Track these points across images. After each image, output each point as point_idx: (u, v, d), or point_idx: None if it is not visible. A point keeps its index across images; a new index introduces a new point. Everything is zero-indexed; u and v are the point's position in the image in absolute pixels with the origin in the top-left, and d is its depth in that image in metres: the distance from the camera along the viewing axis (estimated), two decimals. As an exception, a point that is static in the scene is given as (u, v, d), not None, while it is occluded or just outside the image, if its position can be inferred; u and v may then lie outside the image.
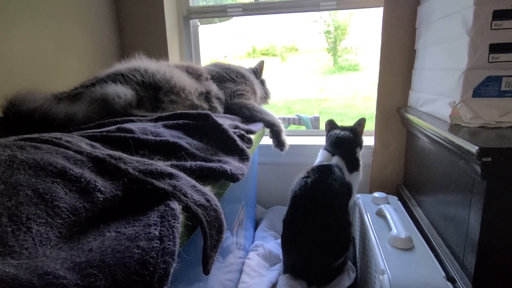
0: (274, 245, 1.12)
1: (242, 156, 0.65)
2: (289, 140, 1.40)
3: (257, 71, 1.27)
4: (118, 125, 0.60)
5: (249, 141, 0.76)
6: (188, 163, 0.50)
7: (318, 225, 0.94)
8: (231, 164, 0.58)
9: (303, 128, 1.66)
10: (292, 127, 1.70)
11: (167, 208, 0.38)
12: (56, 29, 1.09)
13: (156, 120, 0.71)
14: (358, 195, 1.17)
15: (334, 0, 1.31)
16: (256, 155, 1.27)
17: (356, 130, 1.12)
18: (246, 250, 1.08)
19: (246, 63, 1.30)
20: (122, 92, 0.76)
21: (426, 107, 0.98)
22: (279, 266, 1.03)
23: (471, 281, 0.66)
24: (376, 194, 1.12)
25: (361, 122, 1.13)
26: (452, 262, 0.74)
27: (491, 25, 0.73)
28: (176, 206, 0.39)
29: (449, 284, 0.70)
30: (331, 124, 1.15)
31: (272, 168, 1.41)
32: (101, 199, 0.36)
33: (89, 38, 1.25)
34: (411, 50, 1.14)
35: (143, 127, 0.61)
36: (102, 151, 0.44)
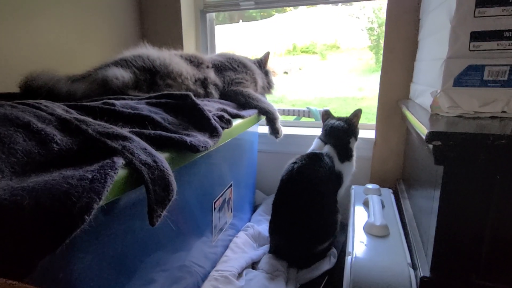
0: (265, 228, 1.17)
1: (213, 133, 0.71)
2: (297, 131, 1.45)
3: (262, 62, 1.32)
4: (105, 100, 0.69)
5: (227, 122, 0.81)
6: (148, 131, 0.57)
7: (301, 209, 0.98)
8: (195, 137, 0.65)
9: (312, 120, 1.68)
10: (303, 119, 1.73)
11: (109, 161, 0.45)
12: (80, 18, 1.23)
13: (146, 99, 0.79)
14: (353, 186, 1.18)
15: (343, -7, 1.32)
16: (256, 142, 1.32)
17: (351, 120, 1.13)
18: (237, 230, 1.15)
19: (286, 60, 1.34)
20: (120, 74, 0.86)
21: (419, 98, 0.97)
22: (267, 248, 1.08)
23: (429, 268, 0.66)
24: (369, 186, 1.13)
25: (357, 113, 1.13)
26: (419, 251, 0.74)
27: (474, 13, 0.71)
28: (119, 161, 0.46)
29: (411, 270, 0.71)
30: (327, 115, 1.17)
31: (275, 156, 1.45)
32: (56, 149, 0.44)
33: (111, 27, 1.38)
34: (415, 42, 1.12)
35: (126, 103, 0.69)
36: (71, 115, 0.52)
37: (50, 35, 1.12)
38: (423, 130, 0.62)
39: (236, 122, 0.89)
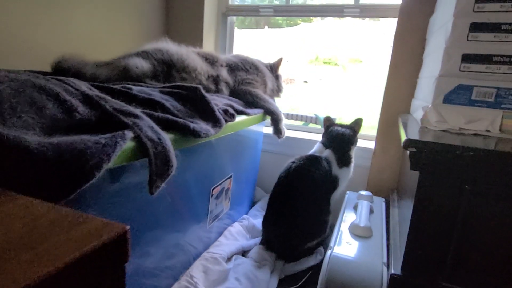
0: (260, 222, 1.23)
1: (216, 123, 0.79)
2: (303, 135, 1.52)
3: (274, 67, 1.39)
4: (124, 84, 0.78)
5: (231, 116, 0.89)
6: (157, 113, 0.66)
7: (294, 207, 1.04)
8: (199, 124, 0.72)
9: (319, 126, 1.74)
10: (310, 125, 1.79)
11: (120, 132, 0.53)
12: (110, 12, 1.34)
13: (160, 88, 0.88)
14: (348, 192, 1.23)
15: (357, 8, 1.38)
16: (261, 141, 1.39)
17: (354, 128, 1.19)
18: (233, 220, 1.22)
19: (307, 70, 1.42)
20: (140, 64, 0.95)
21: (416, 113, 1.02)
22: (258, 239, 1.14)
23: (400, 267, 0.71)
24: (362, 192, 1.18)
25: (358, 122, 1.19)
26: (395, 252, 0.79)
27: (467, 37, 0.77)
28: (129, 133, 0.54)
29: (385, 268, 0.76)
30: (329, 121, 1.23)
31: (279, 157, 1.51)
32: (77, 117, 0.53)
33: (138, 22, 1.48)
34: (420, 60, 1.17)
35: (141, 89, 0.78)
36: (94, 92, 0.61)
37: (82, 25, 1.23)
38: (404, 137, 0.67)
39: (240, 118, 0.97)
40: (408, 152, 0.63)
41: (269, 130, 1.27)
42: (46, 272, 0.21)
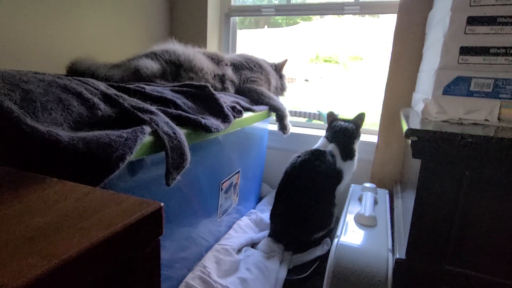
0: (267, 216, 1.26)
1: (225, 119, 0.83)
2: (306, 131, 1.56)
3: (278, 66, 1.43)
4: (136, 84, 0.82)
5: (239, 112, 0.92)
6: (170, 110, 0.69)
7: (300, 199, 1.07)
8: (209, 120, 0.76)
9: (322, 122, 1.77)
10: (314, 121, 1.82)
11: (139, 127, 0.57)
12: (118, 16, 1.38)
13: (170, 87, 0.91)
14: (352, 185, 1.27)
15: (358, 5, 1.42)
16: (266, 138, 1.43)
17: (358, 123, 1.22)
18: (241, 215, 1.25)
19: (308, 68, 1.46)
20: (150, 65, 0.99)
21: (417, 106, 1.05)
22: (266, 232, 1.18)
23: (405, 252, 0.74)
24: (366, 184, 1.21)
25: (361, 116, 1.22)
26: (400, 239, 0.82)
27: (465, 30, 0.80)
28: (147, 129, 0.58)
29: (390, 254, 0.79)
30: (332, 116, 1.26)
31: (284, 153, 1.55)
32: (99, 114, 0.57)
33: (144, 24, 1.52)
34: (420, 54, 1.20)
35: (153, 88, 0.82)
36: (112, 91, 0.65)
37: (91, 28, 1.27)
38: (405, 127, 0.71)
39: (247, 115, 1.00)
40: (409, 141, 0.67)
41: (274, 127, 1.31)
42: (102, 237, 0.24)
